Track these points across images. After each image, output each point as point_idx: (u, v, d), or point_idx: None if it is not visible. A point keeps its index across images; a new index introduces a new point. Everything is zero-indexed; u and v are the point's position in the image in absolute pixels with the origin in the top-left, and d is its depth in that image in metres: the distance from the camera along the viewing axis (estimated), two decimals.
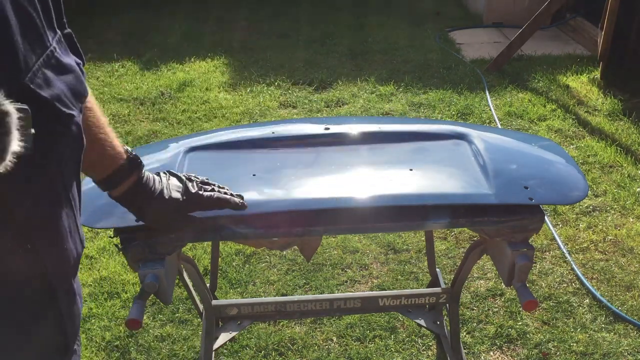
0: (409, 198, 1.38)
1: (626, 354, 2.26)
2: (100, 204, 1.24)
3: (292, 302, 1.89)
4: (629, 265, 2.73)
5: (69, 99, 0.75)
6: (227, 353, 2.28)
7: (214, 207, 1.19)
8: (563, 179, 1.52)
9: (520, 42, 4.96)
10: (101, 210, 1.29)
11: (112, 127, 1.04)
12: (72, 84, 0.76)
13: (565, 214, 3.09)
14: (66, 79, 0.75)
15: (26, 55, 0.68)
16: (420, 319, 2.11)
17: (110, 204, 1.14)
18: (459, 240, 2.92)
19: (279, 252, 2.81)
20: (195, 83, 4.79)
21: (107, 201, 1.14)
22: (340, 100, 4.51)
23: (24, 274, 0.78)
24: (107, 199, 1.13)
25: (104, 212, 1.28)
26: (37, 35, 0.71)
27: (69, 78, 0.76)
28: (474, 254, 1.69)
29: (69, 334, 0.89)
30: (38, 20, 0.71)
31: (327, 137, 1.63)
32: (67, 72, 0.76)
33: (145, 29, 6.18)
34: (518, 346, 2.31)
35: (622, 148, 3.68)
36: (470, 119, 4.18)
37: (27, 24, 0.69)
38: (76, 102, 0.77)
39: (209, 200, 1.18)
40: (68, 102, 0.75)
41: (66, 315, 0.87)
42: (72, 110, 0.76)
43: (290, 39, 5.94)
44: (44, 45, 0.72)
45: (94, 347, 2.31)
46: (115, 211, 1.20)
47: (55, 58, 0.74)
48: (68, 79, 0.76)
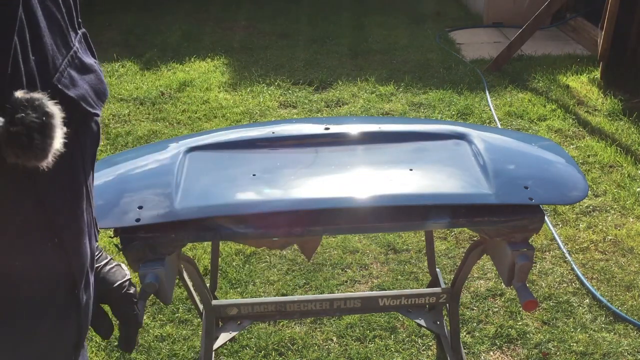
0: (409, 198, 1.38)
1: (626, 354, 2.26)
2: (99, 204, 1.24)
3: (292, 302, 1.89)
4: (629, 265, 2.73)
5: (92, 98, 0.77)
6: (227, 353, 2.28)
7: (126, 317, 1.09)
8: (563, 179, 1.52)
9: (520, 42, 4.97)
10: (101, 211, 1.29)
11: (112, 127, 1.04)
12: (94, 83, 0.78)
13: (565, 214, 3.09)
14: (89, 78, 0.77)
15: (54, 55, 0.69)
16: (420, 319, 2.11)
17: (109, 204, 1.14)
18: (459, 240, 2.92)
19: (279, 252, 2.81)
20: (195, 83, 4.79)
21: (106, 201, 1.14)
22: (340, 100, 4.51)
23: (51, 270, 0.78)
24: (106, 200, 1.13)
25: (103, 212, 1.28)
26: (62, 35, 0.72)
27: (91, 78, 0.78)
28: (474, 254, 1.69)
29: (83, 329, 0.90)
30: (62, 21, 0.72)
31: (327, 137, 1.63)
32: (89, 72, 0.77)
33: (145, 29, 6.18)
34: (518, 346, 2.31)
35: (622, 148, 3.68)
36: (470, 119, 4.18)
37: (53, 25, 0.70)
38: (99, 101, 0.79)
39: (129, 309, 1.08)
40: (92, 101, 0.77)
41: (83, 310, 0.88)
42: (95, 109, 0.78)
43: (290, 39, 5.94)
44: (68, 46, 0.73)
45: (94, 347, 2.31)
46: (115, 211, 1.20)
47: (78, 58, 0.75)
48: (90, 79, 0.77)
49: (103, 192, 1.40)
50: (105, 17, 6.54)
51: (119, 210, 1.15)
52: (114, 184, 1.44)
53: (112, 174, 1.50)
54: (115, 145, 3.82)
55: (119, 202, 1.31)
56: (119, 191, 1.39)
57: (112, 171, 1.52)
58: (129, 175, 1.50)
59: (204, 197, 1.36)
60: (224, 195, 1.39)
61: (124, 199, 1.34)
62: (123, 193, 1.37)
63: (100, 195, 1.13)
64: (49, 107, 0.62)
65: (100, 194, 1.13)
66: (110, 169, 1.54)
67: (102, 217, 1.29)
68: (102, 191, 1.40)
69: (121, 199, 1.34)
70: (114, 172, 1.52)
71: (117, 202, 1.30)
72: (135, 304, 1.08)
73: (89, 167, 0.83)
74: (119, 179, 1.48)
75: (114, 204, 1.14)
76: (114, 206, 1.14)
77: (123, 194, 1.37)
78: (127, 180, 1.48)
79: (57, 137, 0.63)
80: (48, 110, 0.62)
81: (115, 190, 1.38)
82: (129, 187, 1.43)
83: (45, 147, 0.62)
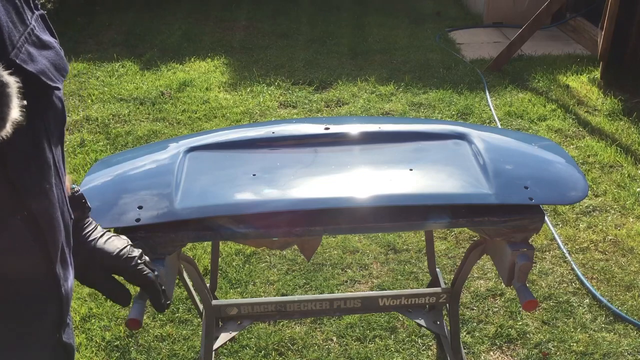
0: (409, 198, 1.38)
1: (626, 354, 2.26)
2: (97, 205, 1.24)
3: (292, 302, 1.89)
4: (629, 265, 2.73)
5: (52, 72, 0.81)
6: (227, 353, 2.28)
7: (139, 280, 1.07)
8: (563, 179, 1.52)
9: (520, 42, 4.96)
10: (101, 211, 1.29)
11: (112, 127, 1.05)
12: (53, 59, 0.82)
13: (565, 214, 3.09)
14: (47, 54, 0.81)
15: (10, 33, 0.73)
16: (420, 319, 2.11)
17: (109, 204, 1.14)
18: (459, 240, 2.92)
19: (279, 252, 2.81)
20: (195, 83, 4.79)
21: (106, 201, 1.14)
22: (340, 100, 4.51)
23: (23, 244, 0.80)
24: (106, 200, 1.13)
25: (103, 212, 1.28)
26: (18, 14, 0.76)
27: (50, 54, 0.82)
28: (474, 254, 1.69)
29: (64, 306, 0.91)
30: (17, 1, 0.77)
31: (327, 137, 1.63)
32: (47, 48, 0.82)
33: (145, 29, 6.18)
34: (518, 346, 2.31)
35: (622, 148, 3.68)
36: (470, 119, 4.18)
37: (8, 4, 0.75)
38: (59, 75, 0.83)
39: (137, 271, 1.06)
40: (52, 75, 0.81)
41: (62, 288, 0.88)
42: (56, 83, 0.82)
43: (290, 39, 5.94)
44: (24, 24, 0.77)
45: (94, 347, 2.31)
46: (115, 211, 1.20)
47: (35, 35, 0.79)
48: (49, 55, 0.82)
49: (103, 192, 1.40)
50: (105, 17, 6.54)
51: (119, 210, 1.15)
52: (114, 184, 1.44)
53: (112, 174, 1.50)
54: (115, 145, 3.82)
55: (119, 202, 1.31)
56: (119, 191, 1.39)
57: (112, 171, 1.53)
58: (129, 176, 1.50)
59: (203, 197, 1.36)
60: (224, 195, 1.39)
61: (124, 199, 1.34)
62: (123, 193, 1.38)
63: (100, 195, 1.13)
64: (4, 77, 0.65)
65: (100, 194, 1.13)
66: (110, 169, 1.55)
67: (102, 217, 1.29)
68: (102, 191, 1.40)
69: (121, 199, 1.34)
70: (113, 172, 1.52)
71: (117, 202, 1.30)
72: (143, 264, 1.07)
73: (56, 143, 0.86)
74: (119, 179, 1.48)
75: (113, 204, 1.14)
76: (114, 206, 1.15)
77: (123, 194, 1.37)
78: (127, 180, 1.48)
79: (14, 107, 0.66)
80: (3, 79, 0.65)
81: (115, 190, 1.38)
82: (129, 187, 1.43)
83: (3, 117, 0.65)
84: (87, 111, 4.30)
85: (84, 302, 2.51)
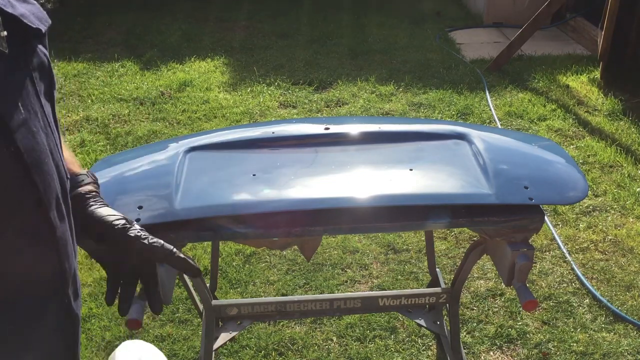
0: (409, 198, 1.38)
1: (626, 354, 2.26)
2: None
3: (292, 302, 1.89)
4: (629, 265, 2.73)
5: (33, 17, 0.87)
6: (227, 353, 2.28)
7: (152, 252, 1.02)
8: (563, 179, 1.52)
9: (520, 42, 4.96)
10: None
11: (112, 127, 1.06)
12: (34, 10, 0.88)
13: (565, 214, 3.09)
14: (28, 7, 0.87)
15: None
16: (420, 319, 2.11)
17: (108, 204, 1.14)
18: (459, 240, 2.92)
19: (279, 252, 2.81)
20: (195, 83, 4.79)
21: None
22: (340, 100, 4.51)
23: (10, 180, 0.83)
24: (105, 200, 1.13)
25: None
26: None
27: (30, 7, 0.88)
28: (474, 254, 1.69)
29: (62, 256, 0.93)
30: None
31: (327, 137, 1.63)
32: (28, 3, 0.88)
33: (145, 29, 6.18)
34: (518, 346, 2.31)
35: (622, 148, 3.68)
36: (470, 119, 4.18)
37: None
38: (40, 23, 0.88)
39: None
40: (33, 19, 0.86)
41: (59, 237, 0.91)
42: (37, 25, 0.87)
43: (290, 39, 5.94)
44: None
45: (94, 347, 2.31)
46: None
47: None
48: (30, 7, 0.88)
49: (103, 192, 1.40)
50: (105, 17, 6.54)
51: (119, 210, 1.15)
52: (114, 184, 1.44)
53: (112, 174, 1.50)
54: (115, 145, 3.82)
55: (119, 202, 1.31)
56: (119, 191, 1.39)
57: (112, 171, 1.53)
58: (129, 176, 1.50)
59: (203, 197, 1.36)
60: (224, 195, 1.39)
61: (124, 199, 1.34)
62: (123, 193, 1.38)
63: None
64: None
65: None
66: (110, 169, 1.54)
67: None
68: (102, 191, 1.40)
69: (121, 199, 1.34)
70: (113, 172, 1.52)
71: (116, 202, 1.30)
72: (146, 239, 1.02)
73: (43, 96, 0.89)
74: (119, 179, 1.48)
75: (113, 204, 1.13)
76: (114, 206, 1.14)
77: (123, 194, 1.37)
78: (127, 181, 1.48)
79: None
80: None
81: (115, 191, 1.38)
82: (129, 188, 1.43)
83: None
84: (87, 111, 4.30)
85: (84, 302, 2.51)
